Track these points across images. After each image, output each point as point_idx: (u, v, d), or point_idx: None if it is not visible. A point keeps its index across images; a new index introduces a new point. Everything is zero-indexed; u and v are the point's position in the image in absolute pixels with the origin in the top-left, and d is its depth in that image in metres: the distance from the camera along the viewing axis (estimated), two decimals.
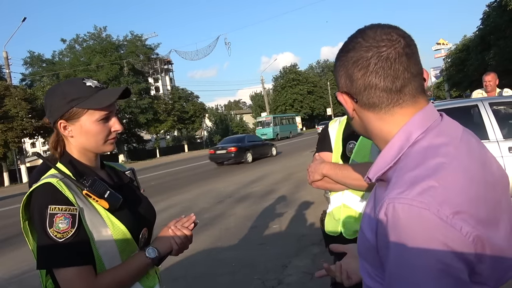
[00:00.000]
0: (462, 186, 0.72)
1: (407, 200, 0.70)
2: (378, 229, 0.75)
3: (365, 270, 0.89)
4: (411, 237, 0.69)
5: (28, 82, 36.58)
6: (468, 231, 0.68)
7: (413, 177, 0.73)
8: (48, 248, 1.10)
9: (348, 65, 0.82)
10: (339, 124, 1.96)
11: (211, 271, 4.50)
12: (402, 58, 0.78)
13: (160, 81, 59.60)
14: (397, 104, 0.81)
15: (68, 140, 1.27)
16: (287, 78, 59.06)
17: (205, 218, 7.33)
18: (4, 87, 24.34)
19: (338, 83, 0.88)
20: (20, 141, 25.61)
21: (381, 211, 0.73)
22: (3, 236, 7.70)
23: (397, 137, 0.81)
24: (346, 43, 0.85)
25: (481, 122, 4.72)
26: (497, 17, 23.80)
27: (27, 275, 4.99)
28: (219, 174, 14.81)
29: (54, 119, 1.23)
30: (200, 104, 46.99)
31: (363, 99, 0.82)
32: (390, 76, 0.78)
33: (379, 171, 0.83)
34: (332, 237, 1.83)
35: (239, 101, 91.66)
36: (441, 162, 0.74)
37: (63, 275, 1.11)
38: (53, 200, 1.12)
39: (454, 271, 0.68)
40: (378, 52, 0.78)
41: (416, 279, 0.69)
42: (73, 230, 1.11)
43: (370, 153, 1.73)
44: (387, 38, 0.79)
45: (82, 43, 38.53)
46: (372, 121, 0.84)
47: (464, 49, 31.77)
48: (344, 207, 1.77)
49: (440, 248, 0.67)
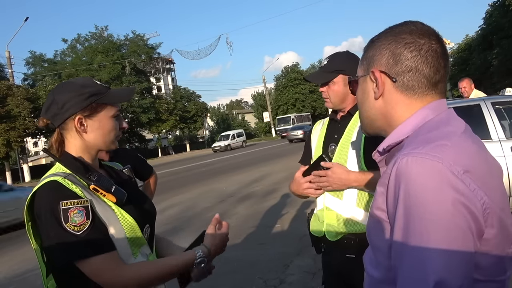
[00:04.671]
0: (470, 151, 0.77)
1: (420, 154, 0.73)
2: (389, 185, 0.76)
3: (370, 259, 0.89)
4: (422, 187, 0.71)
5: (30, 82, 36.64)
6: (475, 189, 0.71)
7: (426, 137, 0.78)
8: (68, 242, 1.10)
9: (398, 45, 0.86)
10: (322, 126, 1.96)
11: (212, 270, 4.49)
12: (445, 57, 0.86)
13: (162, 81, 59.61)
14: (430, 94, 0.86)
15: (73, 138, 1.27)
16: (289, 77, 58.91)
17: (207, 217, 7.34)
18: (7, 87, 24.42)
19: (374, 61, 0.90)
20: (23, 140, 25.71)
21: (394, 166, 0.76)
22: (5, 235, 7.72)
23: (414, 117, 0.86)
24: (395, 27, 0.89)
25: (483, 122, 4.70)
26: (500, 17, 23.74)
27: (29, 274, 5.00)
28: (221, 173, 14.82)
29: (69, 114, 1.22)
30: (202, 104, 47.02)
31: (403, 80, 0.86)
32: (435, 67, 0.84)
33: (389, 143, 0.87)
34: (317, 237, 1.84)
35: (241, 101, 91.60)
36: (453, 130, 0.80)
37: (90, 266, 1.12)
38: (63, 195, 1.13)
39: (462, 223, 0.70)
40: (430, 43, 0.84)
41: (424, 229, 0.70)
42: (89, 222, 1.13)
43: (348, 155, 1.72)
44: (435, 35, 0.86)
45: (84, 42, 38.62)
46: (398, 104, 0.88)
47: (466, 48, 31.71)
48: (327, 209, 1.77)
49: (450, 199, 0.69)
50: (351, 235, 1.68)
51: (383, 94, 0.89)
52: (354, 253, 1.66)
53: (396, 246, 0.74)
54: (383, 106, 0.89)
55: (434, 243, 0.69)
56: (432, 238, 0.69)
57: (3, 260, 6.07)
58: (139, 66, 38.47)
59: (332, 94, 1.78)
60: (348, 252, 1.69)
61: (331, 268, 1.84)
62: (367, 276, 0.91)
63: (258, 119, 62.34)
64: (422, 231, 0.70)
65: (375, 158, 0.94)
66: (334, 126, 1.87)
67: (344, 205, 1.71)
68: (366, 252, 0.95)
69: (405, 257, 0.72)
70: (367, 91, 0.92)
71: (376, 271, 0.85)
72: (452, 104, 5.23)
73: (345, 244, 1.70)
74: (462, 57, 32.10)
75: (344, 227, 1.70)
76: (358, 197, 1.68)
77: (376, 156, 0.93)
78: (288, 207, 7.25)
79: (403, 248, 0.72)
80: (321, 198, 1.81)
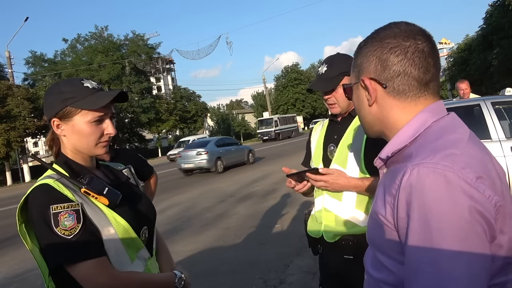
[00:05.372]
0: (478, 158, 0.77)
1: (431, 164, 0.73)
2: (399, 196, 0.76)
3: (372, 261, 0.88)
4: (437, 198, 0.70)
5: (30, 81, 36.63)
6: (490, 195, 0.72)
7: (434, 146, 0.77)
8: (59, 247, 1.10)
9: (384, 51, 0.85)
10: (321, 127, 1.96)
11: (213, 270, 4.50)
12: (434, 55, 0.84)
13: (162, 81, 59.59)
14: (423, 96, 0.85)
15: (62, 140, 1.28)
16: (289, 77, 58.92)
17: (207, 217, 7.34)
18: (7, 87, 24.39)
19: (363, 68, 0.90)
20: (23, 140, 25.68)
21: (404, 177, 0.75)
22: (5, 235, 7.72)
23: (414, 121, 0.85)
24: (380, 31, 0.88)
25: (483, 122, 4.70)
26: (500, 17, 23.71)
27: (30, 274, 5.00)
28: (221, 173, 14.81)
29: (49, 117, 1.25)
30: (202, 104, 47.05)
31: (393, 85, 0.85)
32: (423, 67, 0.83)
33: (393, 150, 0.86)
34: (314, 238, 1.84)
35: (241, 101, 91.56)
36: (459, 137, 0.79)
37: (81, 270, 1.11)
38: (53, 199, 1.12)
39: (480, 230, 0.70)
40: (415, 43, 0.83)
41: (441, 240, 0.69)
42: (80, 225, 1.12)
43: (348, 157, 1.72)
44: (422, 34, 0.84)
45: (84, 42, 38.58)
46: (393, 109, 0.87)
47: (466, 48, 31.67)
48: (325, 210, 1.76)
49: (466, 207, 0.69)
50: (349, 236, 1.68)
51: (377, 100, 0.88)
52: (352, 254, 1.66)
53: (412, 257, 0.73)
54: (378, 112, 0.89)
55: (455, 252, 0.68)
56: (451, 248, 0.69)
57: (3, 260, 6.07)
58: (139, 66, 38.43)
59: (340, 98, 1.74)
60: (346, 253, 1.68)
61: (328, 270, 1.83)
62: (368, 277, 0.91)
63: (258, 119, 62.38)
64: (440, 241, 0.69)
65: (377, 164, 0.93)
66: (333, 127, 1.87)
67: (343, 206, 1.71)
68: (367, 253, 0.94)
69: (423, 268, 0.71)
70: (361, 98, 0.92)
71: (380, 273, 0.85)
72: (452, 104, 5.23)
73: (343, 245, 1.69)
74: (462, 57, 32.05)
75: (342, 229, 1.69)
76: (357, 199, 1.67)
77: (378, 163, 0.92)
78: (288, 207, 7.25)
79: (420, 259, 0.71)
80: (320, 199, 1.81)
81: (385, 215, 0.80)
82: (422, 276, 0.71)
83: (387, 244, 0.81)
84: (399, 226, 0.76)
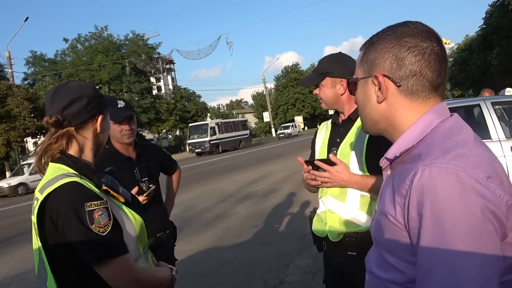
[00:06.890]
0: (486, 157, 0.78)
1: (443, 164, 0.74)
2: (410, 196, 0.76)
3: (377, 261, 0.88)
4: (449, 197, 0.71)
5: (30, 81, 36.61)
6: (501, 194, 0.72)
7: (444, 147, 0.78)
8: (97, 244, 1.12)
9: (402, 49, 0.85)
10: (326, 129, 1.97)
11: (213, 270, 4.50)
12: (445, 59, 0.86)
13: (162, 81, 59.57)
14: (432, 97, 0.86)
15: (83, 138, 1.26)
16: (289, 77, 58.91)
17: (207, 217, 7.34)
18: (7, 87, 24.37)
19: (376, 65, 0.88)
20: (23, 140, 25.66)
21: (416, 177, 0.75)
22: (5, 235, 7.73)
23: (420, 121, 0.85)
24: (396, 27, 0.87)
25: (483, 122, 4.71)
26: (500, 17, 23.73)
27: (30, 274, 5.00)
28: (221, 173, 14.81)
29: (93, 114, 1.26)
30: (202, 104, 47.00)
31: (407, 85, 0.85)
32: (437, 70, 0.84)
33: (401, 150, 0.86)
34: (319, 236, 1.86)
35: (241, 101, 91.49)
36: (466, 138, 0.81)
37: (115, 266, 1.14)
38: (87, 197, 1.13)
39: (491, 228, 0.70)
40: (432, 45, 0.84)
41: (455, 238, 0.70)
42: (111, 222, 1.14)
43: (350, 157, 1.72)
44: (435, 36, 0.85)
45: (84, 42, 38.56)
46: (402, 108, 0.87)
47: (467, 48, 31.72)
48: (329, 212, 1.78)
49: (479, 206, 0.70)
50: (352, 233, 1.70)
51: (386, 98, 0.88)
52: (355, 251, 1.68)
53: (425, 256, 0.74)
54: (386, 109, 0.89)
55: (468, 251, 0.69)
56: (464, 246, 0.69)
57: (3, 260, 6.07)
58: (139, 66, 38.39)
59: (323, 96, 1.83)
60: (349, 250, 1.71)
61: (332, 267, 1.86)
62: (371, 276, 0.91)
63: (258, 119, 62.38)
64: (453, 240, 0.70)
65: (382, 165, 0.93)
66: (336, 130, 1.89)
67: (346, 208, 1.73)
68: (370, 253, 0.94)
69: (436, 267, 0.71)
70: (369, 94, 0.91)
71: (387, 274, 0.85)
72: (452, 104, 5.24)
73: (346, 242, 1.72)
74: (462, 57, 32.09)
75: (346, 229, 1.72)
76: (361, 200, 1.69)
77: (384, 163, 0.92)
78: (288, 207, 7.25)
79: (433, 258, 0.72)
80: (324, 201, 1.83)
81: (395, 215, 0.80)
82: (435, 276, 0.71)
83: (396, 245, 0.81)
84: (411, 226, 0.76)
